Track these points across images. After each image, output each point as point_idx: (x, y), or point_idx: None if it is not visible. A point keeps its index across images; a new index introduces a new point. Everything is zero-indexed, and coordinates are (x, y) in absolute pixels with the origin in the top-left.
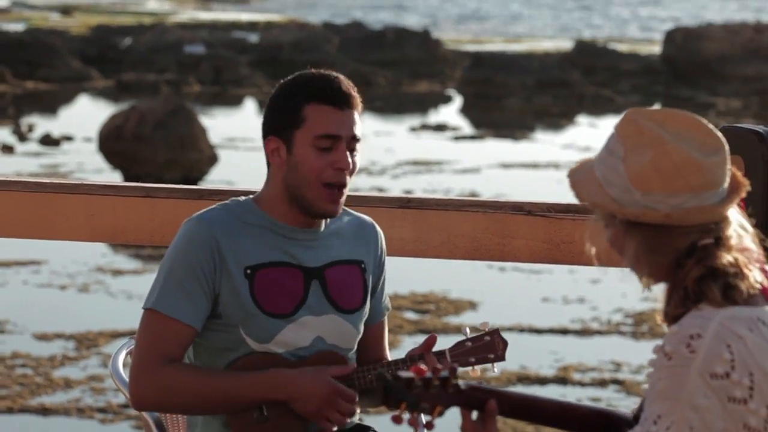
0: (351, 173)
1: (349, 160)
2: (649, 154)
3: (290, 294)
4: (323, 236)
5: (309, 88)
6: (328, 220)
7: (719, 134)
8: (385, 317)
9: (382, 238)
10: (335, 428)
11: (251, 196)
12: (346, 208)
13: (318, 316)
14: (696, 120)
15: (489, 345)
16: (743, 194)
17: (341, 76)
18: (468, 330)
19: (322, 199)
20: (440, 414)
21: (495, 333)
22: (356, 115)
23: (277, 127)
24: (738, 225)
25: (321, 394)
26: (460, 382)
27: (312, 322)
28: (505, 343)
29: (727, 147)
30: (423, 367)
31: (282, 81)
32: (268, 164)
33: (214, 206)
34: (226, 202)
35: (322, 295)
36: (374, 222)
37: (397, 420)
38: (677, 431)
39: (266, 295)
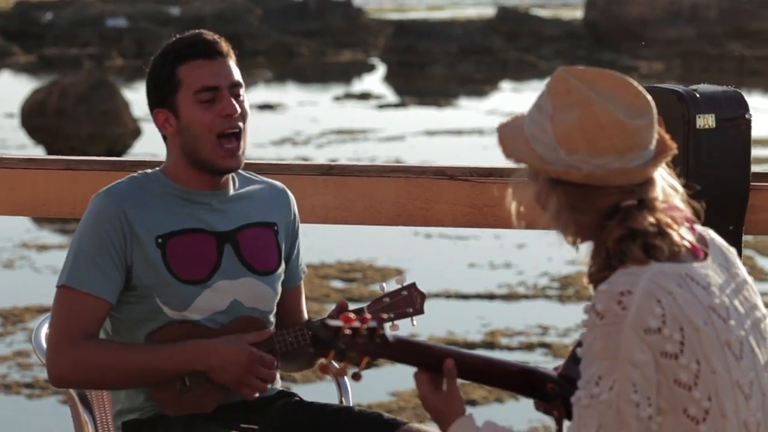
0: (243, 119)
1: (234, 104)
2: (575, 114)
3: (203, 259)
4: (234, 199)
5: (176, 50)
6: (237, 183)
7: (648, 96)
8: (302, 281)
9: (294, 202)
10: (257, 394)
11: (158, 168)
12: (255, 176)
13: (234, 279)
14: (626, 81)
15: (407, 299)
16: (669, 157)
17: (204, 31)
18: (385, 287)
19: (219, 155)
20: (368, 365)
21: (412, 287)
22: (231, 63)
23: (159, 98)
24: (666, 184)
25: (239, 362)
26: (388, 334)
27: (228, 286)
28: (422, 297)
29: (655, 110)
30: (351, 316)
31: (152, 56)
32: (164, 137)
33: (121, 179)
34: (134, 174)
35: (236, 259)
36: (285, 187)
37: (324, 369)
38: (620, 389)
39: (179, 263)
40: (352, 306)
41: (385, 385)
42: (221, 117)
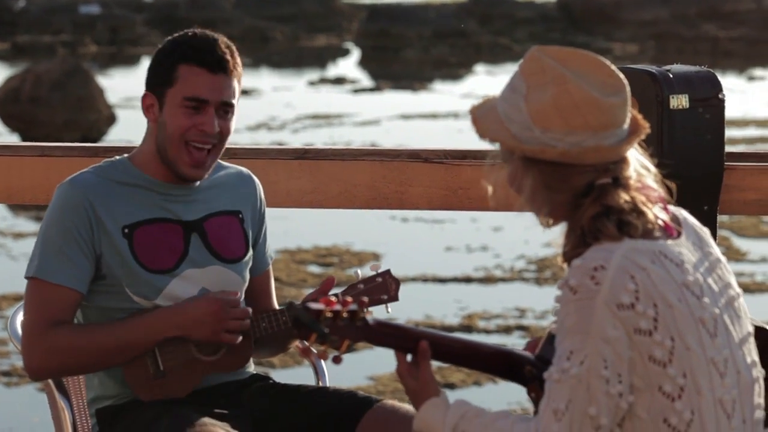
0: (221, 137)
1: (215, 123)
2: (550, 92)
3: (170, 249)
4: (200, 189)
5: (185, 47)
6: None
7: (621, 75)
8: (270, 266)
9: (261, 188)
10: (240, 339)
11: (126, 155)
12: (222, 162)
13: (202, 268)
14: (599, 60)
15: (381, 286)
16: (643, 136)
17: (223, 40)
18: (360, 273)
19: (184, 162)
20: (348, 348)
21: (386, 274)
22: (232, 81)
23: (153, 84)
24: (639, 165)
25: (210, 311)
26: (368, 318)
27: (196, 275)
28: (397, 283)
29: (628, 88)
30: (333, 299)
31: (166, 41)
32: (146, 120)
33: (86, 169)
34: (99, 164)
35: (203, 247)
36: (251, 173)
37: (304, 352)
38: (591, 364)
39: (146, 252)
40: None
41: (363, 369)
42: (197, 130)
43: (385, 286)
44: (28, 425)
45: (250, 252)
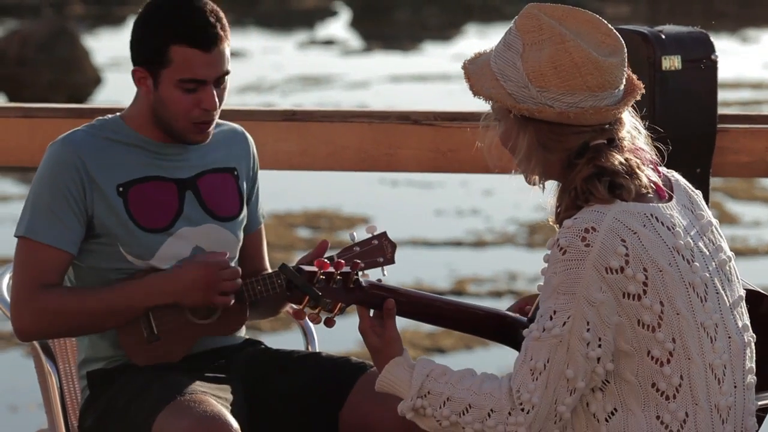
0: (220, 104)
1: (215, 99)
2: (548, 51)
3: (165, 207)
4: (193, 147)
5: (175, 26)
6: None
7: (618, 35)
8: (262, 226)
9: (253, 145)
10: (233, 300)
11: (118, 114)
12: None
13: (196, 226)
14: (596, 19)
15: (377, 248)
16: (638, 97)
17: (207, 7)
18: (355, 235)
19: (190, 131)
20: (341, 311)
21: (383, 236)
22: (224, 50)
23: (143, 61)
24: (632, 126)
25: (201, 275)
26: (361, 280)
27: (190, 233)
28: (393, 246)
29: (625, 49)
30: (326, 261)
31: (152, 5)
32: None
33: (79, 127)
34: (92, 122)
35: (198, 205)
36: (245, 130)
37: (297, 315)
38: (574, 326)
39: (141, 211)
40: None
41: (354, 333)
42: (200, 109)
43: (382, 249)
44: (15, 390)
45: (245, 210)
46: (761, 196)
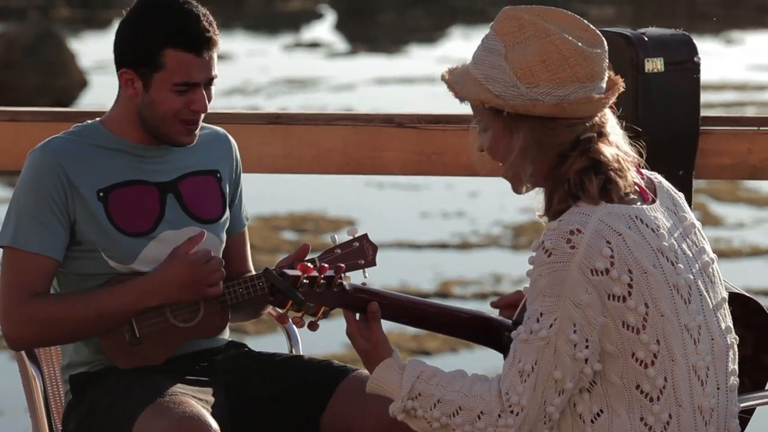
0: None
1: (206, 101)
2: (533, 46)
3: (146, 211)
4: (174, 150)
5: (169, 30)
6: None
7: (595, 30)
8: (246, 228)
9: (236, 147)
10: (223, 294)
11: (98, 119)
12: None
13: (178, 229)
14: (572, 15)
15: (358, 251)
16: (619, 91)
17: (200, 11)
18: (336, 238)
19: (178, 132)
20: (324, 315)
21: (363, 238)
22: (214, 54)
23: (134, 62)
24: (615, 124)
25: (187, 271)
26: (345, 283)
27: (173, 237)
28: (374, 248)
29: (605, 42)
30: (309, 265)
31: (139, 3)
32: (120, 85)
33: (58, 134)
34: (71, 129)
35: (179, 208)
36: (227, 133)
37: (281, 319)
38: (560, 327)
39: (122, 216)
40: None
41: (338, 335)
42: (189, 110)
43: (363, 251)
44: (1, 394)
45: (227, 212)
46: (745, 197)
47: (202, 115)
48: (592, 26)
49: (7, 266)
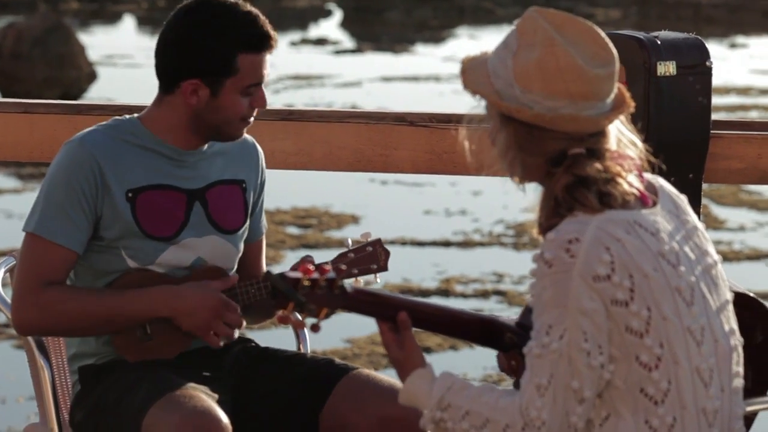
0: None
1: (266, 98)
2: (536, 53)
3: (172, 216)
4: (206, 156)
5: (241, 35)
6: None
7: (614, 50)
8: (263, 236)
9: (263, 157)
10: (222, 343)
11: (137, 115)
12: None
13: (200, 237)
14: (594, 31)
15: (371, 255)
16: (625, 113)
17: (259, 14)
18: (350, 241)
19: (238, 130)
20: (326, 316)
21: (377, 243)
22: None
23: (204, 71)
24: (626, 139)
25: (206, 307)
26: (346, 285)
27: (193, 243)
28: (387, 253)
29: (618, 63)
30: (310, 267)
31: (193, 12)
32: (169, 91)
33: (95, 127)
34: (108, 122)
35: (204, 217)
36: (255, 141)
37: (283, 320)
38: (571, 338)
39: (148, 219)
40: (312, 255)
41: (339, 332)
42: (251, 107)
43: (375, 256)
44: (4, 382)
45: (248, 222)
46: (747, 200)
47: None
48: (610, 45)
49: (27, 252)
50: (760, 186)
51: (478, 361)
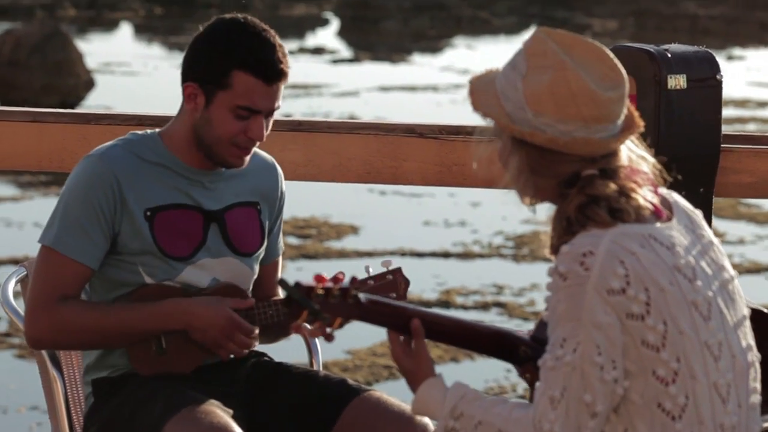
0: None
1: (264, 131)
2: (548, 77)
3: (189, 237)
4: (225, 177)
5: (244, 52)
6: None
7: (623, 70)
8: (280, 257)
9: (282, 178)
10: (231, 355)
11: (158, 130)
12: None
13: (216, 258)
14: (602, 52)
15: (392, 284)
16: (635, 133)
17: (276, 41)
18: (370, 269)
19: (231, 155)
20: (340, 326)
21: (397, 272)
22: (282, 86)
23: (201, 77)
24: (635, 155)
25: (219, 324)
26: (361, 295)
27: (210, 264)
28: (407, 283)
29: (627, 84)
30: (325, 276)
31: (218, 22)
32: (183, 98)
33: (115, 142)
34: (128, 136)
35: (221, 238)
36: (275, 162)
37: (297, 329)
38: (584, 351)
39: (166, 238)
40: (311, 265)
41: (341, 343)
42: (246, 136)
43: (395, 284)
44: (5, 392)
45: (265, 244)
46: (746, 213)
47: (257, 143)
48: (619, 66)
49: (42, 266)
50: (758, 200)
51: (479, 374)
